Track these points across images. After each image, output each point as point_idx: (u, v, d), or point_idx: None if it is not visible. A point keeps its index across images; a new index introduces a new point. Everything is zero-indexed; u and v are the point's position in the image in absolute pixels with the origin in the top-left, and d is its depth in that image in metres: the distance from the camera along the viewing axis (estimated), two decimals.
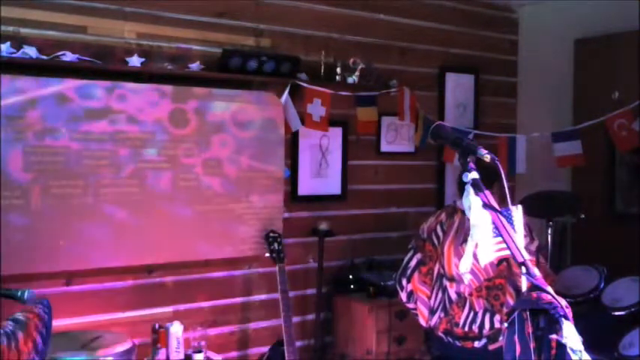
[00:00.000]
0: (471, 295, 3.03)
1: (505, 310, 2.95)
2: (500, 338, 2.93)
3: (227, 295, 4.02)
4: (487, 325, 3.00)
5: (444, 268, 3.13)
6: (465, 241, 3.01)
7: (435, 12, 4.83)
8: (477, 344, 3.01)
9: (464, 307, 3.05)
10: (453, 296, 3.08)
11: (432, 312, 3.16)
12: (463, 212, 3.08)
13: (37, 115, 3.26)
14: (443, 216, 3.23)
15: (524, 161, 4.56)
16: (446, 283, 3.11)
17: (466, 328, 3.02)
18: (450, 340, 3.07)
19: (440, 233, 3.20)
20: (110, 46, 3.58)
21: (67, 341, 3.14)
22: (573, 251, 4.72)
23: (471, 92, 5.08)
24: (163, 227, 3.63)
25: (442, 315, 3.10)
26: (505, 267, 2.98)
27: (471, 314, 3.03)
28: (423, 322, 3.21)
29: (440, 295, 3.14)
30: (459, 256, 3.01)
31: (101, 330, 3.41)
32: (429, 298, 3.18)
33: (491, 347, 3.00)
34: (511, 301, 2.93)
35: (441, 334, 3.10)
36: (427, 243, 3.23)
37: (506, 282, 2.99)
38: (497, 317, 2.98)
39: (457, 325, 3.04)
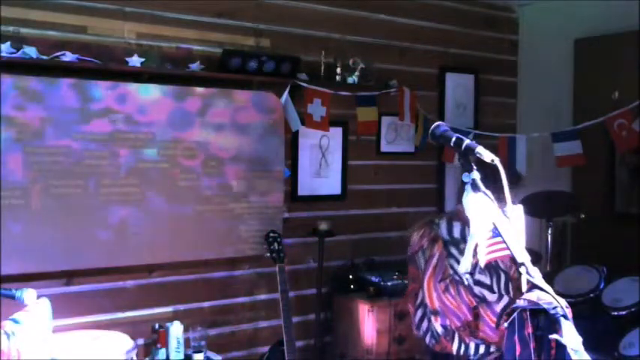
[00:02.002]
0: (458, 329, 2.93)
1: (495, 337, 2.89)
2: (492, 350, 2.91)
3: (227, 295, 4.01)
4: (482, 351, 2.93)
5: (425, 299, 3.00)
6: (443, 279, 2.94)
7: (435, 12, 4.84)
8: (472, 357, 2.98)
9: (453, 339, 2.95)
10: (439, 329, 2.96)
11: (422, 332, 3.06)
12: (444, 242, 2.96)
13: (37, 115, 3.26)
14: (425, 241, 3.05)
15: (524, 161, 4.56)
16: (430, 315, 2.99)
17: (461, 353, 2.95)
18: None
19: (422, 260, 3.05)
20: (110, 46, 3.58)
21: (67, 341, 3.14)
22: (573, 251, 4.72)
23: (471, 92, 5.08)
24: (163, 227, 3.63)
25: (433, 342, 3.00)
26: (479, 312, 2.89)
27: (462, 346, 2.94)
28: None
29: (426, 323, 3.03)
30: (438, 293, 2.94)
31: (101, 330, 3.41)
32: (414, 316, 3.08)
33: (488, 358, 2.97)
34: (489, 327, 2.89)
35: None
36: (410, 265, 3.11)
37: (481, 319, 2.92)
38: (492, 345, 2.92)
39: (451, 353, 2.95)
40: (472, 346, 2.92)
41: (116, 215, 3.49)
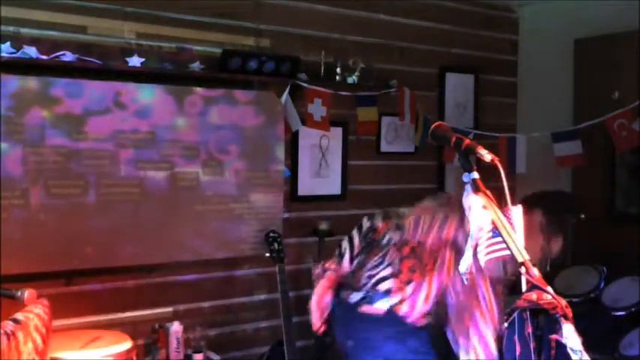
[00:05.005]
0: None
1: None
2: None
3: (227, 295, 4.01)
4: None
5: None
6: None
7: (435, 12, 4.83)
8: None
9: None
10: None
11: None
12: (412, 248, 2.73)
13: (37, 115, 3.26)
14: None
15: (524, 161, 4.56)
16: None
17: None
18: None
19: None
20: (110, 46, 3.58)
21: (67, 341, 3.14)
22: (573, 251, 4.71)
23: (471, 92, 5.08)
24: (163, 227, 3.63)
25: None
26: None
27: None
28: None
29: None
30: None
31: (101, 330, 3.41)
32: None
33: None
34: None
35: None
36: None
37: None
38: None
39: None
40: None
41: (116, 215, 3.49)
